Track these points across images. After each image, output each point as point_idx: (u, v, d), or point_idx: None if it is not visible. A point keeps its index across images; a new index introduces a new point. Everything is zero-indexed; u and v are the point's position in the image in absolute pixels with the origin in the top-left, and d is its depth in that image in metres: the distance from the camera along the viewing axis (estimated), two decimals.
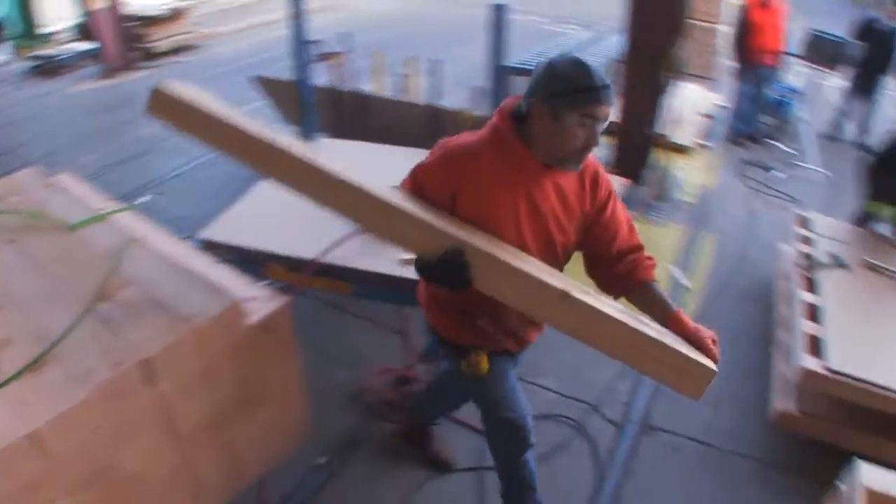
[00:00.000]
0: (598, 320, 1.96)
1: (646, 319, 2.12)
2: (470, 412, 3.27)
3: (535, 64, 2.10)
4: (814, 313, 3.65)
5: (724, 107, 8.01)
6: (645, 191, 5.76)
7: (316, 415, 2.90)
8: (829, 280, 3.90)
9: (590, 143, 1.98)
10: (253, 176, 2.68)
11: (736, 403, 3.81)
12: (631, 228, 2.29)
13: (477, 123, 4.62)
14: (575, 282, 2.10)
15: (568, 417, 3.57)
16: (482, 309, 2.23)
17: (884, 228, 4.81)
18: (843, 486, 2.32)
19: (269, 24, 12.02)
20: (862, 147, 7.56)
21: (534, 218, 2.12)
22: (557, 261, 2.26)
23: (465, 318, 2.30)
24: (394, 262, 3.21)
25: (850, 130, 8.18)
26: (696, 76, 8.43)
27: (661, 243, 5.21)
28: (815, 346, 3.40)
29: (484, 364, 2.34)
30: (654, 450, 3.49)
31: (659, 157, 5.86)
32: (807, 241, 4.32)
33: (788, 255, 4.32)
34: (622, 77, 5.55)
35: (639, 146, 5.71)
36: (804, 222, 4.55)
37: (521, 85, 5.90)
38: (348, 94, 5.38)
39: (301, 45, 4.44)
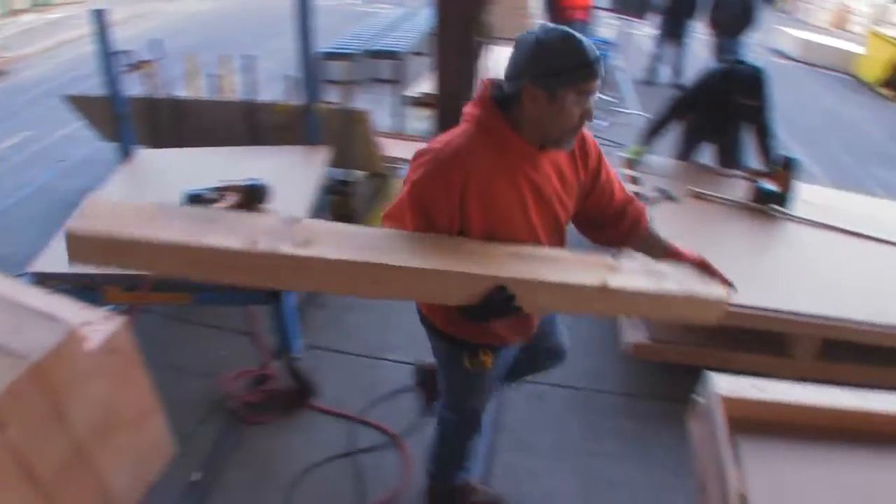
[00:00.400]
0: (632, 298, 2.11)
1: (656, 263, 2.30)
2: (333, 401, 3.25)
3: (350, 47, 2.00)
4: None
5: None
6: None
7: (180, 430, 2.76)
8: (659, 213, 4.08)
9: (584, 119, 1.91)
10: (76, 204, 2.48)
11: (592, 346, 3.97)
12: (619, 182, 2.31)
13: (292, 112, 4.66)
14: (598, 259, 2.18)
15: None
16: None
17: (706, 159, 5.11)
18: (700, 400, 2.41)
19: (77, 39, 11.32)
20: (677, 88, 7.98)
21: (540, 204, 2.05)
22: (562, 237, 2.21)
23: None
24: None
25: (664, 74, 8.60)
26: (511, 40, 8.62)
27: None
28: None
29: (489, 362, 2.29)
30: (520, 402, 3.56)
31: None
32: (635, 180, 4.51)
33: None
34: (434, 49, 5.59)
35: (459, 115, 5.71)
36: (630, 164, 4.74)
37: (335, 70, 5.91)
38: (163, 101, 5.15)
39: (109, 58, 4.20)
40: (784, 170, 4.49)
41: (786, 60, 13.64)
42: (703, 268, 2.28)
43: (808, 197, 4.75)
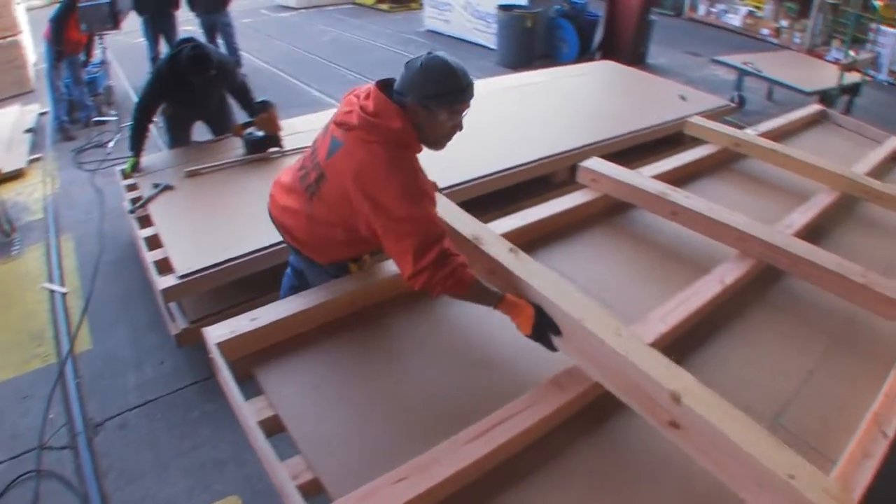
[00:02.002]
0: None
1: None
2: None
3: None
4: (158, 241, 3.88)
5: (44, 112, 7.85)
6: None
7: None
8: (157, 207, 4.15)
9: (455, 130, 2.43)
10: None
11: (154, 354, 4.03)
12: None
13: None
14: None
15: (26, 473, 3.33)
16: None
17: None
18: (210, 355, 2.50)
19: None
20: None
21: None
22: None
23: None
24: None
25: None
26: (11, 96, 8.19)
27: (27, 272, 4.99)
28: (169, 266, 3.65)
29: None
30: (110, 441, 3.48)
31: None
32: (134, 186, 4.51)
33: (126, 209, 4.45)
34: None
35: None
36: (127, 174, 4.72)
37: None
38: None
39: None
40: (264, 113, 4.79)
41: (290, 12, 14.48)
42: None
43: (315, 125, 5.13)
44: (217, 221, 4.01)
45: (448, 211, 2.77)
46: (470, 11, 12.02)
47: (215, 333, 2.44)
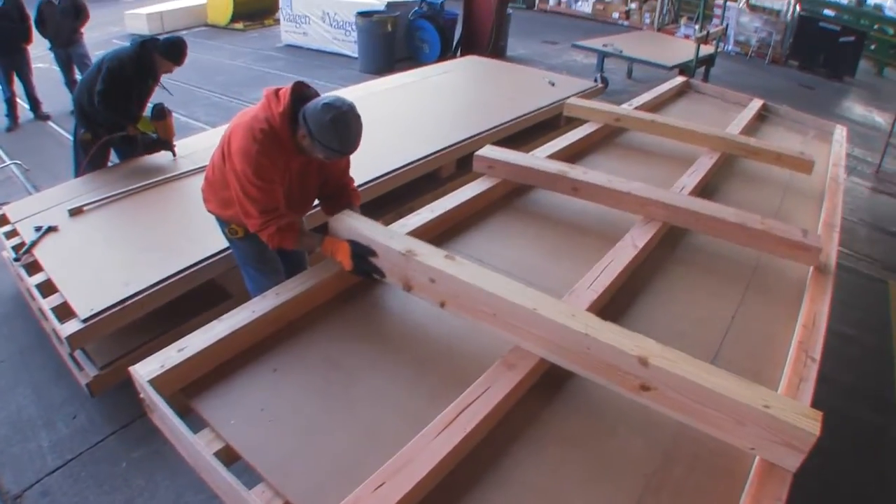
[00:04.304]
0: None
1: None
2: None
3: None
4: (52, 286, 3.65)
5: None
6: None
7: None
8: (45, 251, 3.91)
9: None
10: None
11: (64, 409, 3.78)
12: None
13: None
14: None
15: None
16: None
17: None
18: (141, 395, 2.36)
19: None
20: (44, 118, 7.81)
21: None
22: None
23: None
24: None
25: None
26: None
27: None
28: (69, 311, 3.45)
29: (240, 232, 3.18)
30: None
31: None
32: (13, 233, 4.22)
33: (9, 258, 4.15)
34: None
35: None
36: (5, 219, 4.41)
37: None
38: None
39: None
40: (162, 118, 4.94)
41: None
42: None
43: (190, 149, 5.21)
44: (111, 257, 3.80)
45: (376, 231, 2.76)
46: (328, 22, 12.00)
47: (145, 370, 2.29)
